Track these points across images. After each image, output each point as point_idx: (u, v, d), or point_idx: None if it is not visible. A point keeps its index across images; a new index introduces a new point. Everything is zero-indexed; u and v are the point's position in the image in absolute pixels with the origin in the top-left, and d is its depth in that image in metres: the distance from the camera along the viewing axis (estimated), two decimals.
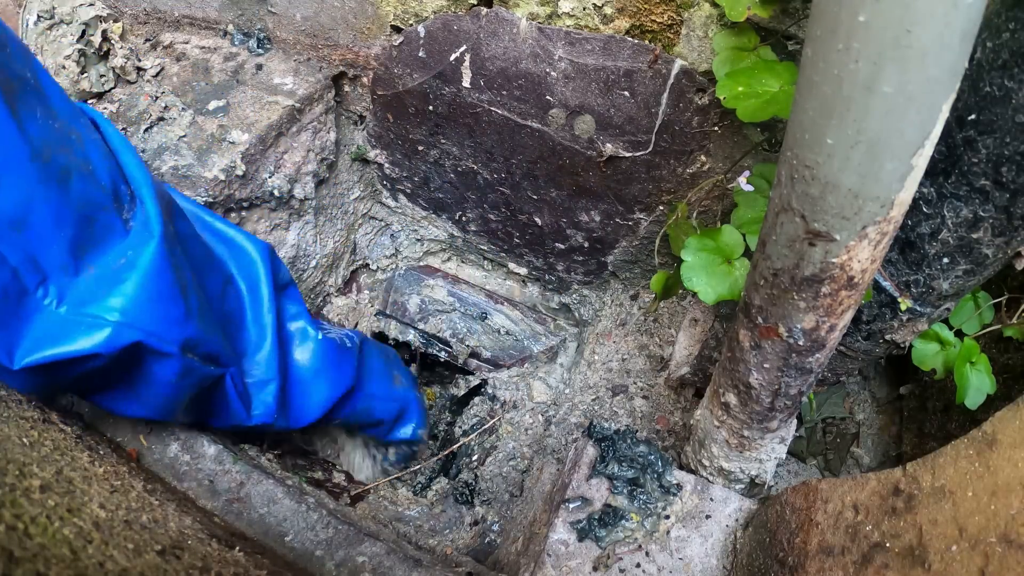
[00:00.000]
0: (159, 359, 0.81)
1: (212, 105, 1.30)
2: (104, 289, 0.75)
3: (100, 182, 0.80)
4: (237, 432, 1.15)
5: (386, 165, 1.58)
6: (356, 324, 1.74)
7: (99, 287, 0.75)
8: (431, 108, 1.34)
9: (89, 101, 1.31)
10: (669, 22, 1.01)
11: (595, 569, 0.89)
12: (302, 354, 1.12)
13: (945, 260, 0.70)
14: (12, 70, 0.72)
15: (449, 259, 1.83)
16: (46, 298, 0.72)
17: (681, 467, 1.06)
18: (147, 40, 1.41)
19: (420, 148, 1.47)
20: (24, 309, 0.71)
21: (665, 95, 1.09)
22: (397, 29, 1.25)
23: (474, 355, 1.75)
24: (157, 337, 0.78)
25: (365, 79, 1.39)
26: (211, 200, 1.21)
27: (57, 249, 0.73)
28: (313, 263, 1.58)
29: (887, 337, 0.84)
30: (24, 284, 0.70)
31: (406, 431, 1.48)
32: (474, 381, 1.77)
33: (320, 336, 1.13)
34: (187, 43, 1.40)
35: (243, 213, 1.31)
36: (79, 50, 1.27)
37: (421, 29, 1.21)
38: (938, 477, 0.63)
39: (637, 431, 1.29)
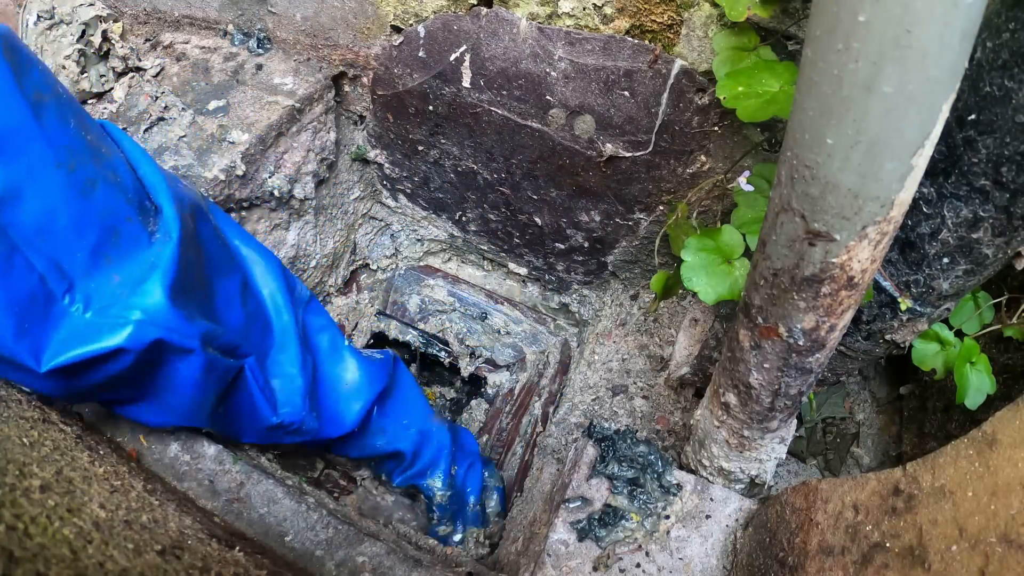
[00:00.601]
0: (182, 356, 0.83)
1: (212, 105, 1.30)
2: (127, 293, 0.78)
3: (127, 194, 0.82)
4: (275, 446, 1.13)
5: (386, 165, 1.58)
6: (356, 324, 1.74)
7: (123, 292, 0.78)
8: (431, 108, 1.34)
9: (89, 101, 1.31)
10: (669, 22, 1.01)
11: (595, 569, 0.89)
12: (332, 362, 1.12)
13: (945, 260, 0.70)
14: (43, 83, 0.75)
15: (449, 259, 1.83)
16: (73, 304, 0.74)
17: (681, 467, 1.06)
18: (147, 40, 1.41)
19: (420, 148, 1.47)
20: (51, 314, 0.73)
21: (665, 95, 1.09)
22: (397, 29, 1.25)
23: (474, 355, 1.75)
24: (179, 333, 0.80)
25: (365, 79, 1.39)
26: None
27: (81, 256, 0.75)
28: (313, 263, 1.58)
29: (887, 337, 0.84)
30: (51, 289, 0.72)
31: (419, 473, 1.33)
32: (471, 370, 1.77)
33: (348, 344, 1.15)
34: (187, 43, 1.40)
35: (243, 213, 1.31)
36: (79, 50, 1.27)
37: (421, 29, 1.21)
38: (938, 477, 0.63)
39: (637, 431, 1.29)
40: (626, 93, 1.11)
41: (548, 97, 1.18)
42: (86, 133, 0.79)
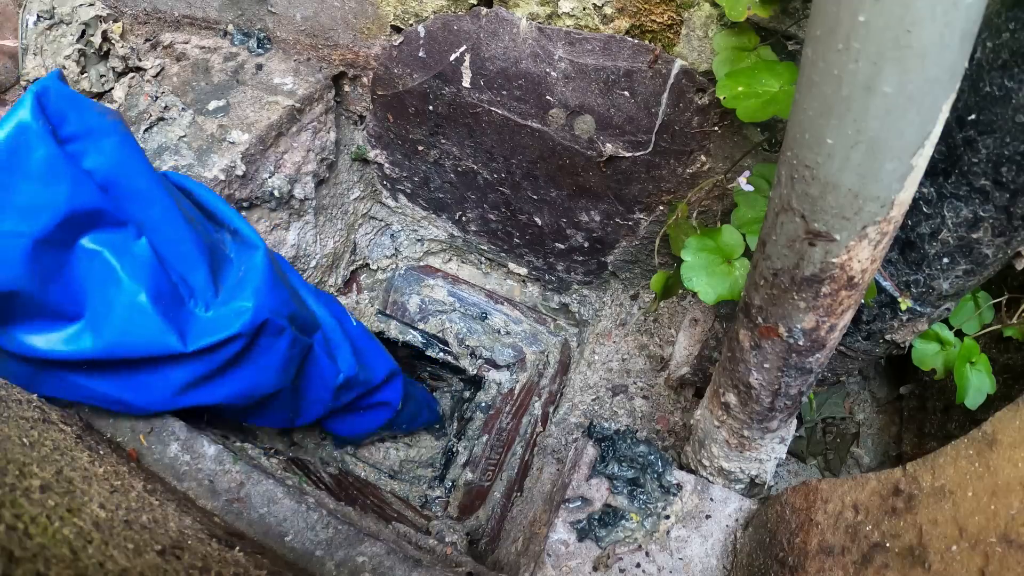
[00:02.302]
0: (277, 335, 1.03)
1: (212, 105, 1.30)
2: (236, 291, 1.00)
3: (206, 225, 1.06)
4: (322, 418, 1.33)
5: (386, 165, 1.58)
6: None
7: (232, 292, 1.01)
8: (431, 108, 1.34)
9: None
10: (669, 22, 1.01)
11: (595, 569, 0.89)
12: (355, 333, 1.31)
13: (945, 260, 0.70)
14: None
15: (449, 259, 1.83)
16: (196, 307, 0.96)
17: (681, 467, 1.06)
18: (147, 40, 1.41)
19: (420, 148, 1.47)
20: (182, 311, 0.94)
21: (665, 95, 1.09)
22: (397, 29, 1.25)
23: (474, 355, 1.75)
24: (277, 314, 1.02)
25: (365, 79, 1.39)
26: None
27: (202, 273, 0.98)
28: (313, 263, 1.58)
29: (887, 337, 0.84)
30: (181, 294, 0.95)
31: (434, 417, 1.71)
32: (471, 370, 1.78)
33: (356, 324, 1.36)
34: (187, 43, 1.40)
35: (243, 213, 1.31)
36: (79, 50, 1.26)
37: (421, 29, 1.21)
38: (938, 477, 0.63)
39: (637, 431, 1.29)
40: (626, 93, 1.11)
41: (548, 97, 1.18)
42: (170, 185, 1.02)
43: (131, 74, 1.35)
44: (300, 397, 1.21)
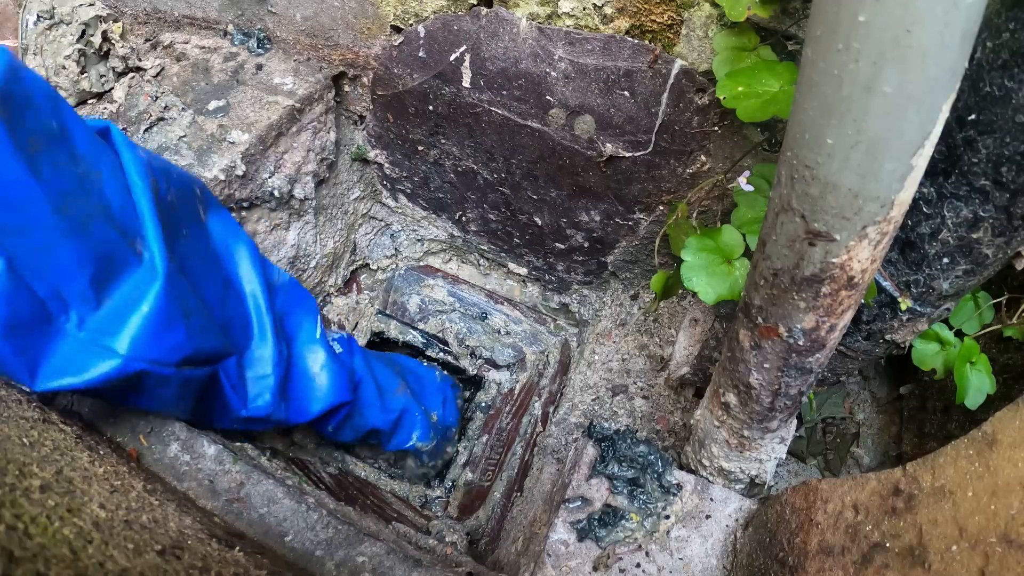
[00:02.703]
0: (160, 380, 0.92)
1: (212, 105, 1.30)
2: (117, 321, 0.86)
3: (116, 221, 0.89)
4: (246, 432, 1.21)
5: (386, 165, 1.58)
6: (356, 324, 1.74)
7: (114, 318, 0.86)
8: (431, 108, 1.34)
9: (89, 101, 1.31)
10: (669, 22, 1.01)
11: (595, 569, 0.89)
12: (304, 351, 1.20)
13: (945, 260, 0.70)
14: (39, 124, 0.81)
15: (449, 259, 1.83)
16: (68, 323, 0.83)
17: (681, 467, 1.06)
18: (147, 40, 1.41)
19: (420, 148, 1.47)
20: (47, 334, 0.81)
21: (665, 95, 1.09)
22: (397, 29, 1.25)
23: (474, 355, 1.75)
24: (159, 363, 0.89)
25: (365, 79, 1.39)
26: None
27: (79, 285, 0.84)
28: (313, 263, 1.58)
29: (887, 337, 0.84)
30: (50, 311, 0.82)
31: (403, 441, 1.48)
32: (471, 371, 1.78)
33: (321, 336, 1.22)
34: (187, 43, 1.40)
35: (243, 213, 1.31)
36: (79, 50, 1.26)
37: (421, 29, 1.21)
38: (938, 477, 0.63)
39: (637, 431, 1.29)
40: (626, 93, 1.11)
41: (548, 97, 1.18)
42: (76, 167, 0.85)
43: (131, 74, 1.35)
44: (206, 416, 1.09)
